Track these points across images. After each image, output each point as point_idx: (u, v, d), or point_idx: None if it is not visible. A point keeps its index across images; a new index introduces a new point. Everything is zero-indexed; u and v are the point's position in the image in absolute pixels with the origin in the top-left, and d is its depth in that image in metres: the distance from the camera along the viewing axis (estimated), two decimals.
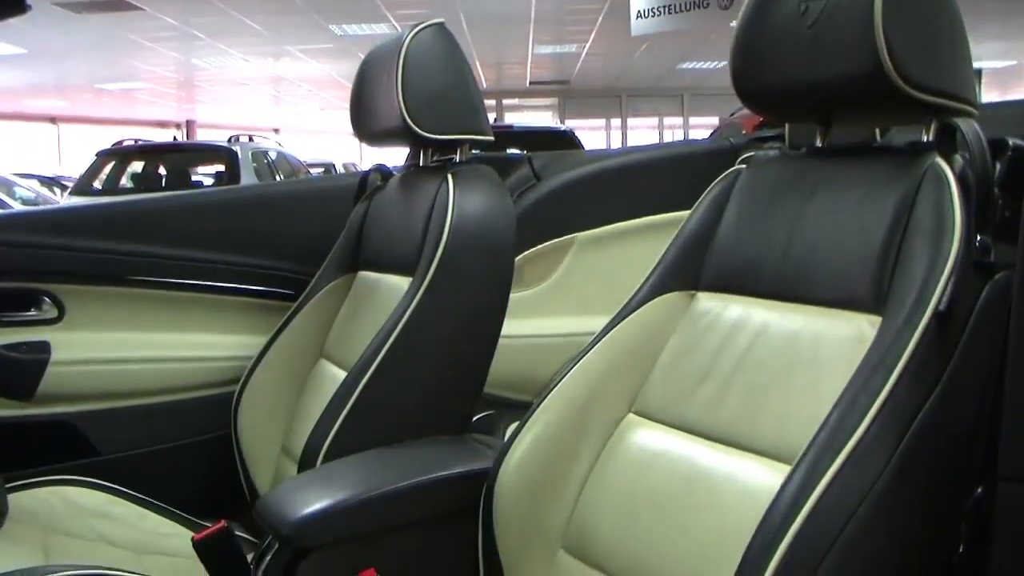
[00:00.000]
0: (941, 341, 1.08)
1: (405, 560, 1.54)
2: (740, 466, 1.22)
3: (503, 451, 1.46)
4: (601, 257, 2.52)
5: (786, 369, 1.23)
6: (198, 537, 1.67)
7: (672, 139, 21.01)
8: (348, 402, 1.79)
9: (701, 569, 1.19)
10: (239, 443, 2.24)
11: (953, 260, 1.10)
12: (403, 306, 1.83)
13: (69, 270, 2.30)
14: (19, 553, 1.79)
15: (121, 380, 2.33)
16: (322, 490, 1.53)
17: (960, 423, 1.09)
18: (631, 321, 1.47)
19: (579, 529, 1.41)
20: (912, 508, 1.05)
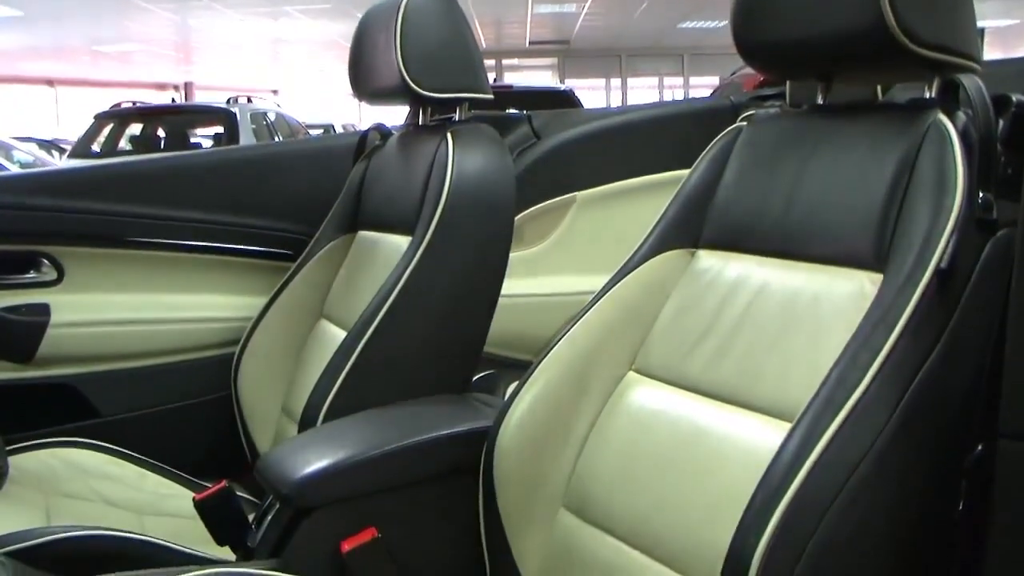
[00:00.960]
0: (942, 298, 1.08)
1: (406, 519, 1.54)
2: (741, 424, 1.22)
3: (503, 410, 1.46)
4: (601, 216, 2.51)
5: (787, 326, 1.23)
6: (199, 497, 1.68)
7: (672, 99, 20.95)
8: (348, 362, 1.79)
9: (701, 526, 1.19)
10: (239, 404, 2.24)
11: (955, 217, 1.09)
12: (402, 265, 1.83)
13: (68, 232, 2.29)
14: (21, 514, 1.79)
15: (121, 342, 2.33)
16: (323, 450, 1.53)
17: (961, 381, 1.09)
18: (631, 279, 1.46)
19: (580, 487, 1.41)
20: (912, 465, 1.05)
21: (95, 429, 2.25)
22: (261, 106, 10.91)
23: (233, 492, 1.68)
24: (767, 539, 0.99)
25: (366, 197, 2.23)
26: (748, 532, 1.01)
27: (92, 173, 2.47)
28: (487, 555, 1.49)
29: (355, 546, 1.46)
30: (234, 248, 2.42)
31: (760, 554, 0.99)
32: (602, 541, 1.33)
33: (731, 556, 1.02)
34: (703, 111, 2.62)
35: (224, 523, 1.67)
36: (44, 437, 2.14)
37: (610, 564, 1.30)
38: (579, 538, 1.37)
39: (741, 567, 1.00)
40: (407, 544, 1.53)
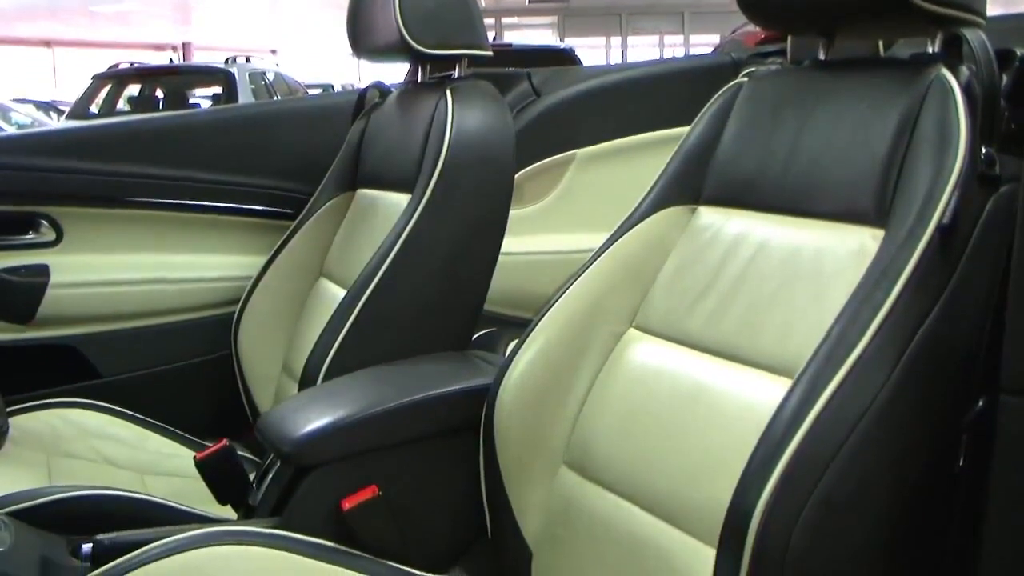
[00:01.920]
0: (944, 254, 1.07)
1: (406, 477, 1.55)
2: (741, 380, 1.22)
3: (504, 367, 1.46)
4: (602, 173, 2.50)
5: (788, 283, 1.23)
6: (200, 456, 1.68)
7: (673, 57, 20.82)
8: (348, 320, 1.79)
9: (702, 483, 1.19)
10: (240, 363, 2.25)
11: (957, 173, 1.09)
12: (402, 223, 1.83)
13: (67, 192, 2.29)
14: (22, 475, 1.80)
15: (121, 302, 2.33)
16: (323, 408, 1.53)
17: (962, 336, 1.08)
18: (632, 236, 1.46)
19: (580, 444, 1.41)
20: (913, 421, 1.05)
21: (96, 389, 2.25)
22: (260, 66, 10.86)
23: (234, 451, 1.69)
24: (768, 495, 0.99)
25: (365, 155, 2.22)
26: (749, 488, 1.01)
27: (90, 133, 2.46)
28: (488, 512, 1.49)
29: (356, 504, 1.47)
30: (233, 207, 2.42)
31: (761, 510, 0.99)
32: (602, 497, 1.33)
33: (732, 512, 1.03)
34: (704, 68, 2.60)
35: (225, 482, 1.67)
36: (45, 398, 2.14)
37: (610, 520, 1.31)
38: (579, 494, 1.37)
39: (742, 522, 1.00)
40: (408, 502, 1.53)
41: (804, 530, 0.98)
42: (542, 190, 2.52)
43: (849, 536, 1.02)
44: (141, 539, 1.35)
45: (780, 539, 0.98)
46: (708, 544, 1.15)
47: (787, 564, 0.98)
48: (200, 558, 1.31)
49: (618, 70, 2.64)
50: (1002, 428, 1.02)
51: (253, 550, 1.35)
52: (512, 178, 1.93)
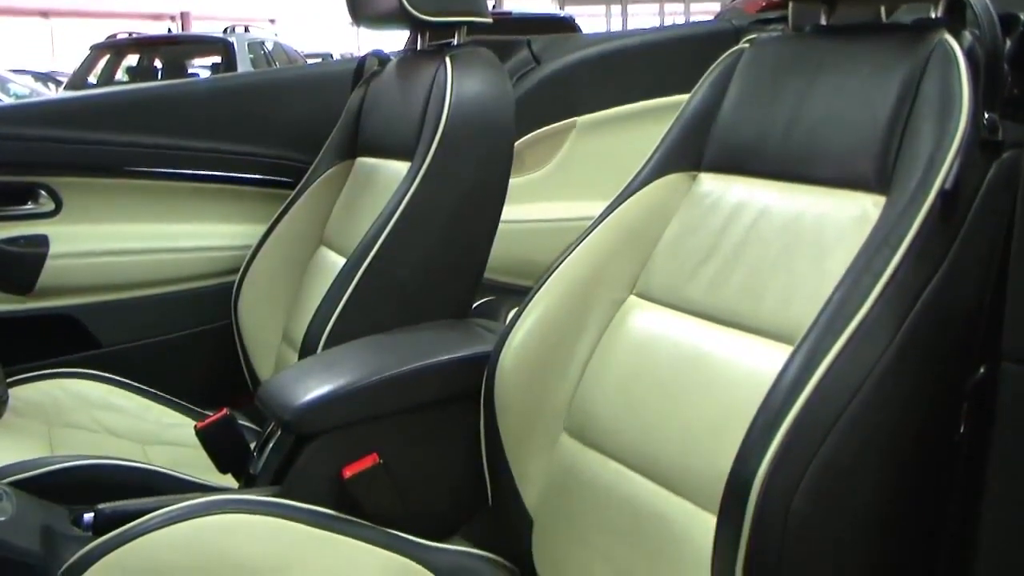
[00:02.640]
0: (946, 221, 1.06)
1: (407, 444, 1.55)
2: (742, 346, 1.22)
3: (504, 334, 1.45)
4: (602, 141, 2.50)
5: (789, 249, 1.22)
6: (200, 426, 1.68)
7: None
8: (348, 288, 1.79)
9: (702, 449, 1.19)
10: (240, 332, 2.25)
11: (960, 138, 1.08)
12: (402, 191, 1.82)
13: (65, 162, 2.29)
14: (24, 445, 1.80)
15: (120, 272, 2.33)
16: (323, 376, 1.53)
17: (963, 303, 1.08)
18: (632, 203, 1.45)
19: (581, 411, 1.41)
20: (914, 388, 1.05)
21: (96, 360, 2.25)
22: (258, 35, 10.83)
23: (234, 420, 1.69)
24: (769, 461, 0.99)
25: (365, 123, 2.21)
26: (750, 454, 1.01)
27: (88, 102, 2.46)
28: (488, 479, 1.50)
29: (357, 472, 1.47)
30: (232, 176, 2.41)
31: (762, 476, 0.99)
32: (603, 464, 1.33)
33: (732, 478, 1.03)
34: (705, 35, 2.59)
35: (226, 451, 1.68)
36: (45, 368, 2.14)
37: (611, 487, 1.31)
38: (580, 461, 1.37)
39: (742, 489, 1.00)
40: (409, 470, 1.53)
41: (805, 496, 0.98)
42: (542, 158, 2.52)
43: (850, 502, 1.02)
44: (142, 508, 1.36)
45: (781, 505, 0.98)
46: (708, 511, 1.15)
47: (788, 530, 0.98)
48: (201, 527, 1.32)
49: (618, 37, 2.63)
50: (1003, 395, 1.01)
51: (254, 518, 1.36)
52: (512, 146, 1.92)
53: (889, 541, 1.06)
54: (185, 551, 1.30)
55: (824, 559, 1.02)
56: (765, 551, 0.99)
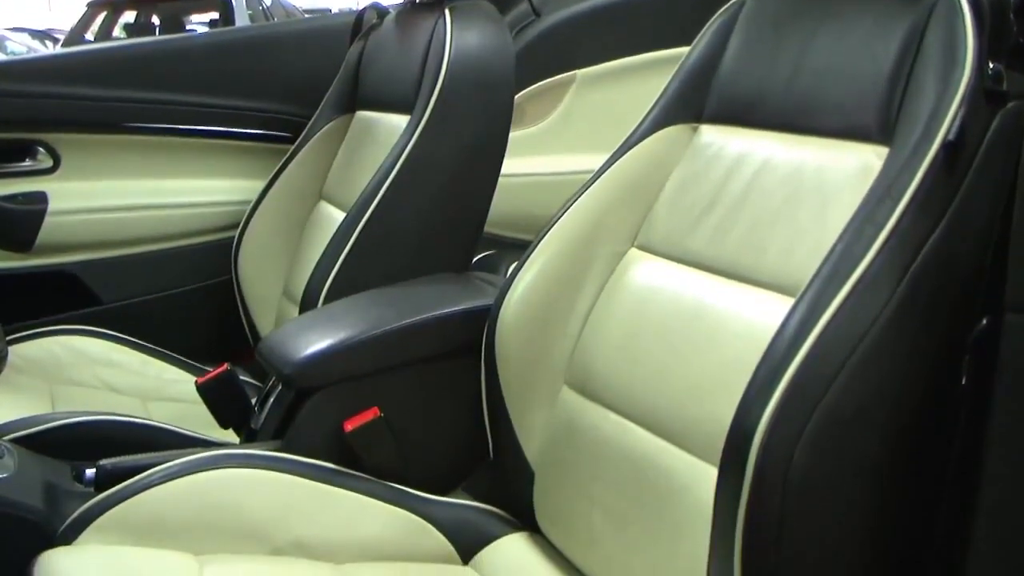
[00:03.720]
0: (949, 171, 1.06)
1: (408, 398, 1.55)
2: (744, 298, 1.21)
3: (505, 288, 1.45)
4: (603, 94, 2.48)
5: (791, 201, 1.21)
6: (201, 381, 1.69)
7: None
8: (348, 242, 1.79)
9: (704, 401, 1.19)
10: (240, 288, 2.25)
11: (964, 89, 1.07)
12: (401, 144, 1.81)
13: (63, 118, 2.28)
14: (25, 402, 1.80)
15: (120, 228, 2.33)
16: (324, 330, 1.53)
17: (966, 254, 1.07)
18: (633, 155, 1.44)
19: (582, 364, 1.41)
20: (916, 340, 1.04)
21: (97, 316, 2.26)
22: None
23: (235, 375, 1.69)
24: (770, 412, 0.98)
25: (364, 77, 2.20)
26: (751, 406, 1.01)
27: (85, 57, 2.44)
28: (489, 433, 1.50)
29: (358, 426, 1.47)
30: (231, 131, 2.41)
31: (763, 428, 0.98)
32: (604, 417, 1.33)
33: (734, 429, 1.02)
34: None
35: (227, 406, 1.68)
36: (46, 325, 2.15)
37: (612, 439, 1.31)
38: (581, 414, 1.37)
39: (744, 441, 1.00)
40: (409, 424, 1.53)
41: (807, 447, 0.98)
42: (542, 111, 2.50)
43: (852, 453, 1.02)
44: (144, 463, 1.36)
45: (782, 456, 0.98)
46: (710, 462, 1.15)
47: (789, 481, 0.98)
48: (203, 481, 1.32)
49: None
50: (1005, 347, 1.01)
51: (255, 473, 1.36)
52: (512, 99, 1.91)
53: (891, 491, 1.06)
54: (187, 506, 1.31)
55: (825, 510, 1.02)
56: (766, 503, 0.99)
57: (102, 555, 1.23)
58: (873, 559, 1.07)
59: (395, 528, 1.41)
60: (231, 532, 1.32)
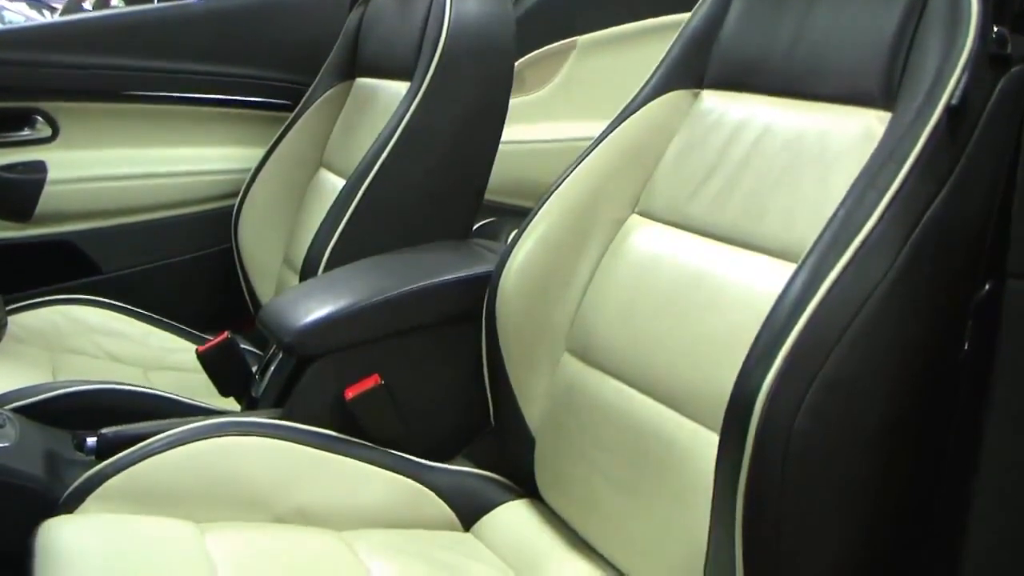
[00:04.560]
0: (952, 136, 1.05)
1: (409, 366, 1.55)
2: (745, 264, 1.21)
3: (505, 254, 1.44)
4: (603, 60, 2.47)
5: (793, 166, 1.21)
6: (202, 349, 1.69)
7: None
8: (348, 209, 1.78)
9: (705, 367, 1.19)
10: (240, 256, 2.25)
11: (968, 52, 1.06)
12: (401, 111, 1.81)
13: (61, 87, 2.27)
14: (26, 371, 1.81)
15: (120, 197, 2.32)
16: (324, 298, 1.53)
17: (969, 219, 1.07)
18: (634, 121, 1.43)
19: (582, 331, 1.40)
20: (918, 305, 1.04)
21: (97, 286, 2.26)
22: None
23: (236, 343, 1.69)
24: (771, 378, 0.98)
25: (363, 43, 2.19)
26: (752, 372, 1.01)
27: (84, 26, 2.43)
28: (490, 400, 1.50)
29: (359, 393, 1.47)
30: (231, 99, 2.40)
31: (764, 393, 0.98)
32: (605, 383, 1.33)
33: (735, 395, 1.02)
34: None
35: (227, 374, 1.68)
36: (46, 295, 2.14)
37: (613, 406, 1.30)
38: (582, 381, 1.37)
39: (745, 406, 0.99)
40: (410, 390, 1.53)
41: (808, 412, 0.98)
42: (543, 78, 2.49)
43: (853, 418, 1.01)
44: (145, 432, 1.36)
45: (784, 422, 0.98)
46: (711, 428, 1.15)
47: (790, 447, 0.98)
48: (204, 449, 1.32)
49: None
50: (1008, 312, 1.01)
51: (257, 441, 1.36)
52: (512, 65, 1.90)
53: (892, 458, 1.06)
54: (188, 474, 1.31)
55: (827, 476, 1.02)
56: (767, 468, 0.99)
57: (104, 523, 1.23)
58: (873, 525, 1.07)
59: (396, 495, 1.42)
60: (232, 500, 1.32)
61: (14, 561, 1.19)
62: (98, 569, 1.14)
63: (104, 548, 1.18)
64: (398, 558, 1.30)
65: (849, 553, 1.07)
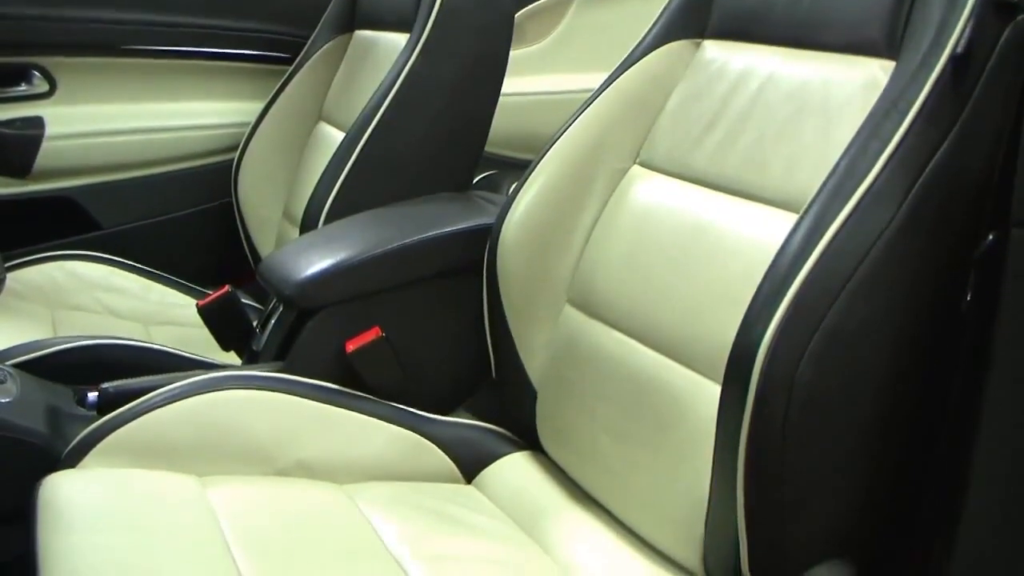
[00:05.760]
0: (957, 85, 1.04)
1: (409, 318, 1.55)
2: (747, 215, 1.20)
3: (506, 206, 1.44)
4: (604, 12, 2.44)
5: (795, 116, 1.20)
6: (202, 303, 1.69)
7: None
8: (348, 162, 1.77)
9: (706, 318, 1.18)
10: (240, 210, 2.24)
11: (973, 0, 1.05)
12: (400, 62, 1.80)
13: (58, 41, 2.26)
14: (26, 327, 1.81)
15: (118, 152, 2.32)
16: (324, 250, 1.53)
17: (973, 169, 1.06)
18: (635, 71, 1.42)
19: (584, 282, 1.40)
20: (922, 255, 1.04)
21: (97, 241, 2.25)
22: None
23: (236, 296, 1.69)
24: (774, 328, 0.98)
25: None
26: (754, 321, 1.00)
27: None
28: (492, 352, 1.50)
29: (359, 346, 1.47)
30: (229, 53, 2.39)
31: (766, 343, 0.98)
32: (606, 335, 1.33)
33: (737, 345, 1.02)
34: None
35: (228, 328, 1.68)
36: (45, 251, 2.14)
37: (614, 357, 1.30)
38: (583, 332, 1.37)
39: (747, 356, 0.99)
40: (411, 343, 1.53)
41: (810, 363, 0.98)
42: (543, 29, 2.47)
43: (855, 369, 1.01)
44: (146, 386, 1.36)
45: (786, 371, 0.98)
46: (712, 379, 1.15)
47: (792, 397, 0.98)
48: (205, 403, 1.32)
49: None
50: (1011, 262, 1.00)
51: (258, 394, 1.36)
52: (512, 17, 1.89)
53: (893, 408, 1.06)
54: (190, 428, 1.31)
55: (828, 426, 1.02)
56: (769, 418, 0.99)
57: (106, 478, 1.23)
58: (875, 473, 1.07)
59: (398, 447, 1.42)
60: (234, 453, 1.32)
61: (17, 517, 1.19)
62: (101, 523, 1.14)
63: (106, 503, 1.18)
64: (399, 510, 1.30)
65: (850, 503, 1.07)
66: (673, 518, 1.19)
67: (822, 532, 1.06)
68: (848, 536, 1.08)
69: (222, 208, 2.30)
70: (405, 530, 1.26)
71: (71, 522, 1.13)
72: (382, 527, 1.26)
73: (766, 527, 1.03)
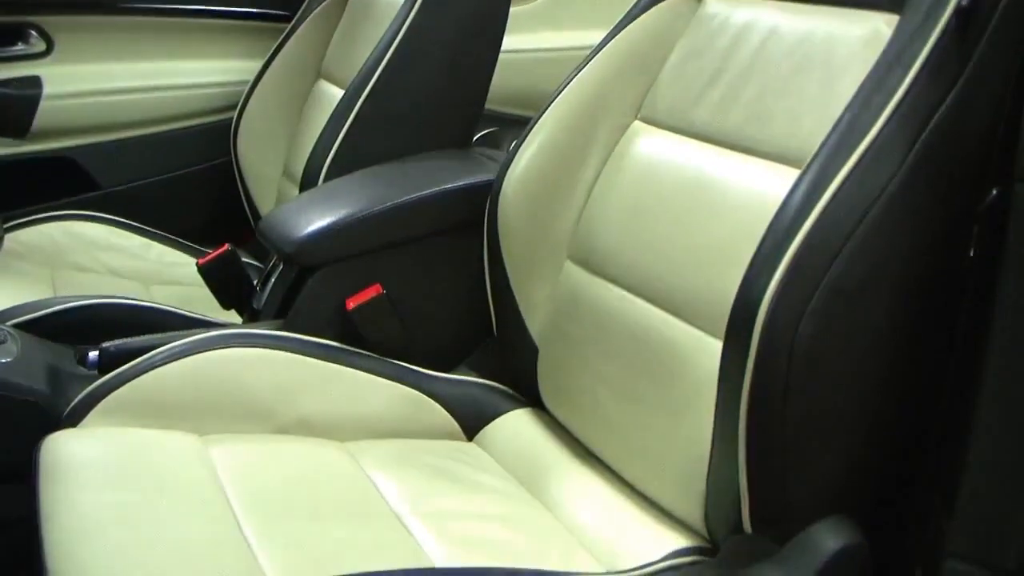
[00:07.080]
0: (961, 39, 1.03)
1: (410, 275, 1.55)
2: (749, 170, 1.19)
3: (507, 162, 1.43)
4: None
5: (798, 71, 1.19)
6: (202, 262, 1.68)
7: None
8: (348, 119, 1.77)
9: (708, 274, 1.18)
10: (240, 169, 2.24)
11: None
12: (400, 18, 1.78)
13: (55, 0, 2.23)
14: (26, 287, 1.81)
15: (116, 111, 2.31)
16: (325, 207, 1.52)
17: (977, 124, 1.05)
18: (636, 26, 1.41)
19: (585, 238, 1.39)
20: (925, 210, 1.03)
21: (96, 201, 2.25)
22: None
23: (236, 255, 1.69)
24: (776, 284, 0.98)
25: None
26: (757, 276, 1.00)
27: None
28: (493, 309, 1.49)
29: (360, 303, 1.47)
30: (226, 11, 2.38)
31: (768, 299, 0.98)
32: (608, 291, 1.32)
33: (739, 301, 1.02)
34: None
35: (228, 286, 1.68)
36: (45, 211, 2.14)
37: (615, 313, 1.30)
38: (584, 289, 1.37)
39: (749, 312, 0.99)
40: (412, 300, 1.53)
41: (812, 318, 0.97)
42: None
43: (857, 324, 1.01)
44: (147, 345, 1.36)
45: (788, 326, 0.97)
46: (714, 335, 1.15)
47: (795, 351, 0.97)
48: (206, 361, 1.32)
49: None
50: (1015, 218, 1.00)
51: (259, 352, 1.36)
52: None
53: (896, 364, 1.06)
54: (191, 386, 1.31)
55: (830, 382, 1.01)
56: (771, 374, 0.98)
57: (108, 436, 1.23)
58: (876, 430, 1.07)
59: (399, 405, 1.42)
60: (235, 411, 1.32)
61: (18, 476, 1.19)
62: (102, 482, 1.14)
63: (108, 461, 1.18)
64: (401, 468, 1.31)
65: (851, 458, 1.07)
66: (674, 474, 1.19)
67: (823, 488, 1.06)
68: (849, 492, 1.08)
69: (222, 167, 2.30)
70: (406, 487, 1.27)
71: (73, 481, 1.13)
72: (383, 484, 1.27)
73: (767, 483, 1.03)
